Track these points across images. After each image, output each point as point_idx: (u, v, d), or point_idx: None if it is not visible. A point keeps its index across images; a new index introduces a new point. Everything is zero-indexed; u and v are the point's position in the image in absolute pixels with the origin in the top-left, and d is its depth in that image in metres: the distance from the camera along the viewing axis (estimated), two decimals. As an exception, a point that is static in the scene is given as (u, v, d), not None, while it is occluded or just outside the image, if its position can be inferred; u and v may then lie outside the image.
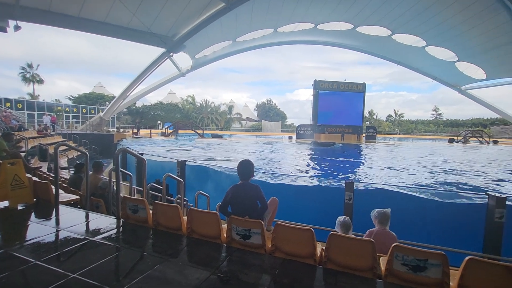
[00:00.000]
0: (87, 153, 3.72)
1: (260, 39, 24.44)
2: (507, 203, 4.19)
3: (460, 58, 25.25)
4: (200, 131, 28.73)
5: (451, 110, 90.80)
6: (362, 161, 14.17)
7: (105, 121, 20.20)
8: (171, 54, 18.06)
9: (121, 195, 4.02)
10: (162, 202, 3.01)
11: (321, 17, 21.75)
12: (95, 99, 39.24)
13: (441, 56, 25.68)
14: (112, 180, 3.52)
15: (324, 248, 2.26)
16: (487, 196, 4.41)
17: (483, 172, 10.15)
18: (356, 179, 8.46)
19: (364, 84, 28.17)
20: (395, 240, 3.05)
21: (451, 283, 1.87)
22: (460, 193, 6.25)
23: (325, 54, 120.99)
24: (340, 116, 27.81)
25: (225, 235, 2.56)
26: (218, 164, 9.37)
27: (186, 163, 7.29)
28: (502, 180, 8.78)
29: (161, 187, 4.24)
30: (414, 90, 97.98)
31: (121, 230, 2.80)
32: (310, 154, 16.83)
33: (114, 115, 27.27)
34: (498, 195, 4.25)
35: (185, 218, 2.81)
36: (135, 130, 22.92)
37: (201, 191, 4.30)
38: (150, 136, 23.02)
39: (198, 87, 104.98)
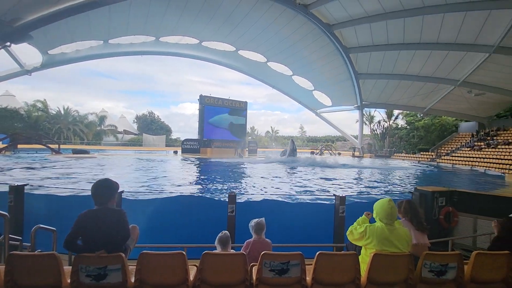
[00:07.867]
0: None
1: (140, 45, 22.58)
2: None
3: (315, 88, 32.19)
4: (54, 146, 22.71)
5: (312, 128, 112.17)
6: (245, 174, 15.14)
7: None
8: (8, 43, 13.67)
9: None
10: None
11: (205, 34, 22.53)
12: None
13: (303, 84, 31.90)
14: None
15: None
16: (334, 196, 5.55)
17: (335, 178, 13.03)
18: (238, 191, 8.87)
19: (246, 102, 30.94)
20: (269, 247, 3.24)
21: (307, 278, 2.10)
22: (318, 196, 7.66)
23: (211, 70, 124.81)
24: (225, 131, 29.21)
25: (68, 281, 1.96)
26: (79, 187, 7.60)
27: (26, 188, 5.46)
28: (348, 182, 11.51)
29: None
30: (286, 111, 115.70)
31: None
32: (194, 168, 16.57)
33: None
34: (341, 195, 5.41)
35: (3, 267, 1.98)
36: None
37: (42, 225, 3.20)
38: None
39: (52, 91, 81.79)
